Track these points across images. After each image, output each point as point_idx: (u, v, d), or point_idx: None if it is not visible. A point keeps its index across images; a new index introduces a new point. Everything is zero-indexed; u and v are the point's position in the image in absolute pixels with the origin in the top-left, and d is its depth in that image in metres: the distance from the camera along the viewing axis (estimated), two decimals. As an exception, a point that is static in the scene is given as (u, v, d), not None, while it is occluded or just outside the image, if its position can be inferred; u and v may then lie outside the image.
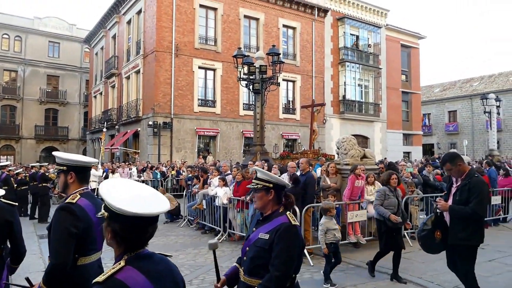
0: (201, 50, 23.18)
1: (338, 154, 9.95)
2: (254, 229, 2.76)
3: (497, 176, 11.28)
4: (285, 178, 8.85)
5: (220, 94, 23.78)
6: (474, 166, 11.98)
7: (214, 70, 23.79)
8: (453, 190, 4.13)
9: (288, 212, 2.72)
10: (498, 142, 32.28)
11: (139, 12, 24.59)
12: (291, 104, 27.57)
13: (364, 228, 8.29)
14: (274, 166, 10.78)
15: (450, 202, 4.12)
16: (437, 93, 46.15)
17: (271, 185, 2.74)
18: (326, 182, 9.02)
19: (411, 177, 10.07)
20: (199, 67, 23.20)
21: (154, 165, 18.99)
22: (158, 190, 13.65)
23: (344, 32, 29.08)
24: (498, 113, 25.45)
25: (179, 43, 22.33)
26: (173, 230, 10.29)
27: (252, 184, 2.81)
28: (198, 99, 23.22)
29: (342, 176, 8.98)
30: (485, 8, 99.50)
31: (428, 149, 44.47)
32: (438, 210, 4.12)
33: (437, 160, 21.04)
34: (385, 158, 27.83)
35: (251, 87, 14.70)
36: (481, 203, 3.89)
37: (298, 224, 2.66)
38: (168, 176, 17.93)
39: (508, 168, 14.34)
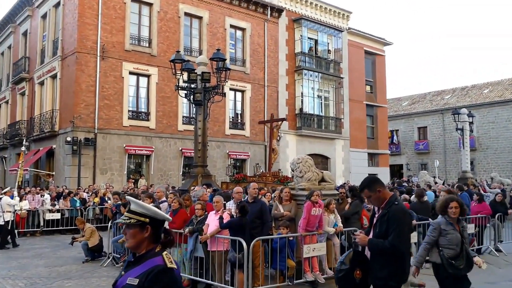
0: (132, 53, 23.07)
1: (293, 177, 10.22)
2: (123, 272, 2.65)
3: (470, 201, 11.80)
4: (231, 206, 8.95)
5: (155, 105, 23.69)
6: (441, 190, 12.50)
7: (148, 76, 23.72)
8: (375, 220, 4.18)
9: (165, 253, 2.63)
10: (472, 163, 34.28)
11: (57, 4, 24.14)
12: (239, 118, 27.97)
13: (322, 264, 8.50)
14: (198, 202, 10.83)
15: (371, 235, 4.17)
16: (405, 106, 48.52)
17: (147, 219, 2.65)
18: (279, 210, 9.20)
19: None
20: (130, 73, 23.07)
21: (72, 190, 18.52)
22: (76, 221, 13.31)
23: (301, 36, 30.10)
24: (471, 130, 26.93)
25: (105, 43, 22.11)
26: (94, 271, 10.06)
27: (124, 218, 2.70)
28: (129, 111, 23.00)
29: (297, 203, 9.20)
30: (460, 11, 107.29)
31: (396, 171, 46.55)
32: (357, 245, 4.22)
33: (405, 184, 22.06)
34: (347, 182, 28.82)
35: (191, 97, 14.89)
36: (400, 235, 3.90)
37: (175, 267, 2.59)
38: (90, 204, 17.53)
39: (483, 192, 15.04)
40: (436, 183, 23.90)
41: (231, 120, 27.32)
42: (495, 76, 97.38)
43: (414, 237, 9.62)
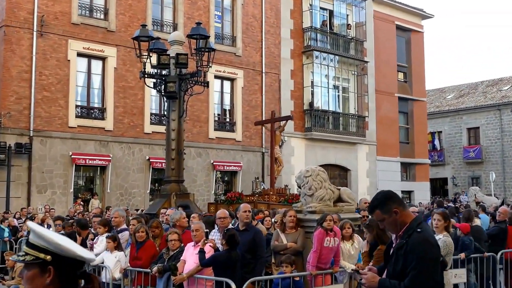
0: (82, 27, 23.11)
1: (299, 195, 10.25)
2: None
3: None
4: (215, 236, 8.92)
5: (112, 99, 23.75)
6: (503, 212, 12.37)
7: (103, 59, 23.79)
8: (391, 253, 4.16)
9: None
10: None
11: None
12: (228, 116, 28.11)
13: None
14: (193, 215, 10.85)
15: (385, 274, 4.17)
16: (451, 100, 48.83)
17: (47, 257, 2.41)
18: (281, 240, 9.20)
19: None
20: (79, 54, 23.11)
21: (-2, 215, 18.29)
22: (4, 256, 13.09)
23: (310, 5, 30.26)
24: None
25: (45, 14, 22.11)
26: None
27: (19, 254, 2.52)
28: (77, 107, 23.03)
29: (305, 231, 9.21)
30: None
31: (439, 186, 46.68)
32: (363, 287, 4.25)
33: (450, 205, 21.97)
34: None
35: (162, 88, 14.98)
36: (420, 275, 3.85)
37: None
38: (23, 234, 17.36)
39: None
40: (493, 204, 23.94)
41: (216, 119, 27.37)
42: None
43: (462, 276, 9.58)
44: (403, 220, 4.07)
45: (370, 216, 10.88)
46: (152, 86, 16.25)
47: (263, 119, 27.24)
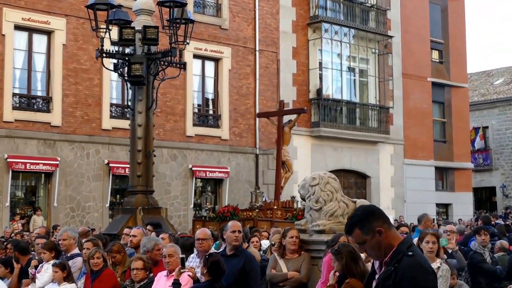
0: (20, -8, 23.06)
1: (303, 210, 10.23)
2: None
3: None
4: (193, 263, 8.92)
5: (61, 85, 23.74)
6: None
7: (49, 33, 23.79)
8: (374, 282, 4.31)
9: None
10: None
11: None
12: (211, 107, 28.23)
13: None
14: (162, 236, 10.77)
15: None
16: (500, 87, 48.87)
17: None
18: (279, 268, 9.20)
19: (445, 258, 10.39)
20: (17, 27, 23.09)
21: None
22: None
23: (318, -37, 30.33)
24: None
25: (-28, -26, 22.03)
26: None
27: None
28: (14, 95, 23.05)
29: (310, 255, 9.20)
30: None
31: (485, 198, 46.73)
32: None
33: (498, 222, 21.91)
34: (401, 218, 28.90)
35: (126, 71, 14.99)
36: None
37: None
38: None
39: None
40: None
41: (196, 111, 27.48)
42: None
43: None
44: (389, 242, 4.10)
45: (345, 237, 10.92)
46: (112, 68, 16.20)
47: (257, 110, 27.34)
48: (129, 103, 15.90)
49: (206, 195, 24.21)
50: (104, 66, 16.92)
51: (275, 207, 20.40)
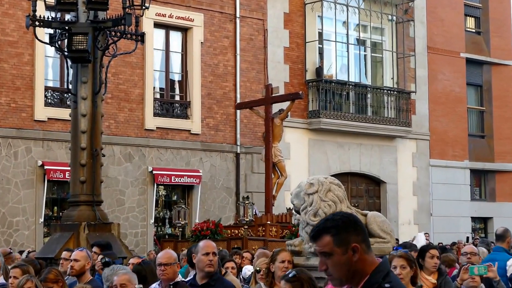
0: None
1: (298, 224, 10.21)
2: None
3: None
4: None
5: (-20, 62, 23.61)
6: None
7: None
8: None
9: None
10: None
11: None
12: (178, 91, 28.48)
13: None
14: (133, 262, 10.79)
15: None
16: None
17: None
18: (266, 302, 9.17)
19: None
20: None
21: None
22: None
23: None
24: None
25: None
26: None
27: None
28: None
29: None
30: None
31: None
32: None
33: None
34: (426, 236, 28.74)
35: (66, 45, 14.86)
36: None
37: None
38: None
39: None
40: None
41: (158, 96, 27.72)
42: None
43: None
44: (362, 267, 4.14)
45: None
46: (47, 41, 16.09)
47: (238, 96, 27.47)
48: (70, 87, 15.84)
49: (179, 207, 23.88)
50: (37, 38, 16.73)
51: (269, 222, 20.46)
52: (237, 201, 25.58)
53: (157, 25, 26.70)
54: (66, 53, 15.19)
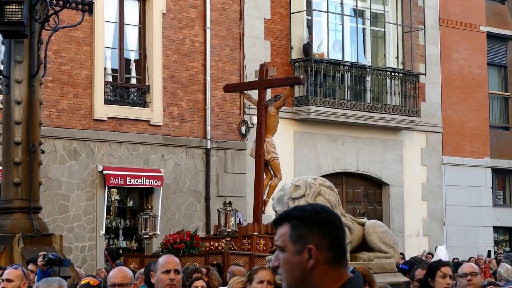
0: None
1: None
2: None
3: None
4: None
5: None
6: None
7: None
8: None
9: None
10: None
11: None
12: (134, 73, 28.52)
13: None
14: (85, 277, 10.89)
15: None
16: None
17: None
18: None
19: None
20: None
21: None
22: None
23: None
24: None
25: None
26: None
27: None
28: None
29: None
30: None
31: None
32: None
33: None
34: (424, 255, 28.85)
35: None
36: None
37: None
38: None
39: None
40: None
41: (110, 79, 27.77)
42: None
43: None
44: (319, 281, 3.94)
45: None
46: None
47: (208, 78, 27.59)
48: (1, 68, 15.81)
49: (145, 214, 23.59)
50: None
51: (256, 233, 20.59)
52: (206, 206, 25.59)
53: (109, -8, 26.74)
54: (-4, 28, 15.24)
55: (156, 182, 27.29)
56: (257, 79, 24.10)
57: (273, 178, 23.43)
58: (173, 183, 27.53)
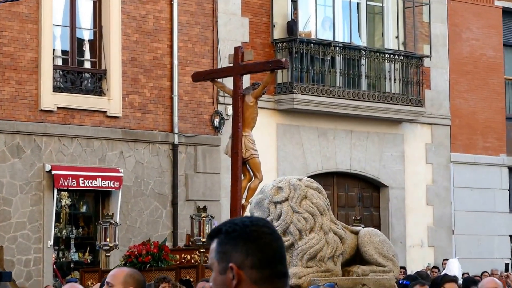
0: None
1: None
2: None
3: None
4: None
5: None
6: None
7: None
8: None
9: None
10: None
11: None
12: (88, 54, 28.49)
13: None
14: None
15: None
16: None
17: None
18: None
19: None
20: None
21: None
22: None
23: None
24: None
25: None
26: None
27: None
28: None
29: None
30: None
31: None
32: None
33: None
34: (444, 264, 29.02)
35: None
36: None
37: None
38: None
39: None
40: None
41: (60, 63, 27.79)
42: None
43: None
44: None
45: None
46: None
47: (174, 61, 27.72)
48: None
49: (105, 222, 23.53)
50: None
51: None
52: (173, 212, 25.65)
53: None
54: None
55: (114, 183, 27.34)
56: (231, 64, 23.80)
57: (253, 179, 23.31)
58: (134, 185, 27.58)
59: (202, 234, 21.13)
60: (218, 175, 27.99)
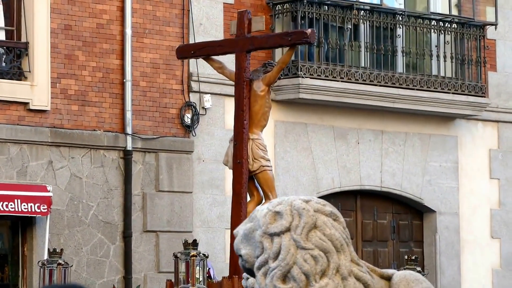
0: None
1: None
2: None
3: None
4: None
5: None
6: None
7: None
8: None
9: None
10: None
11: None
12: (2, 21, 28.26)
13: None
14: None
15: None
16: None
17: None
18: None
19: None
20: None
21: None
22: None
23: None
24: None
25: None
26: None
27: None
28: None
29: None
30: None
31: None
32: None
33: None
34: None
35: None
36: None
37: None
38: None
39: None
40: None
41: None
42: None
43: None
44: None
45: None
46: None
47: (126, 30, 27.03)
48: None
49: (52, 262, 23.60)
50: None
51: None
52: (126, 249, 25.25)
53: None
54: None
55: (39, 207, 26.90)
56: (233, 36, 23.79)
57: (263, 200, 22.58)
58: (68, 209, 27.23)
59: (191, 280, 21.15)
60: (190, 195, 27.75)
